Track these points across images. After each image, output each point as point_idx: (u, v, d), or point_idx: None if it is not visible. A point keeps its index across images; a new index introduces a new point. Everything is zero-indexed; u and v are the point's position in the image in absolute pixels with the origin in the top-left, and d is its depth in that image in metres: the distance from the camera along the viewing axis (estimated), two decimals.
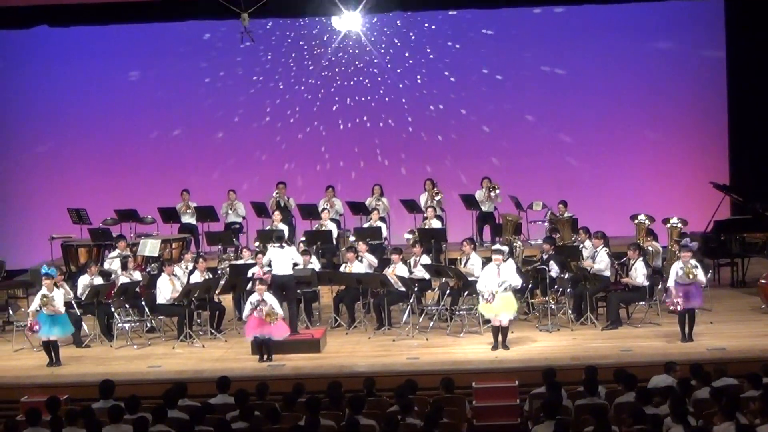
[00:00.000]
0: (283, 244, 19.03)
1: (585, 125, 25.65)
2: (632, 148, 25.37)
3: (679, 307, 17.51)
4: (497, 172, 23.96)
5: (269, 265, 18.59)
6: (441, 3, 25.37)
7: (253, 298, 17.47)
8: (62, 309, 17.66)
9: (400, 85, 26.02)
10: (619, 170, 25.13)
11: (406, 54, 26.05)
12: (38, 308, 17.44)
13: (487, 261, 18.27)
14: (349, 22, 25.10)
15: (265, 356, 17.49)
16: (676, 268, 17.65)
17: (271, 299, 17.48)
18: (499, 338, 17.62)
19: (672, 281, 17.62)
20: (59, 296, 17.70)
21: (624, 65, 25.55)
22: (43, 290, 17.57)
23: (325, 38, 26.11)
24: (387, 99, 26.08)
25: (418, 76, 26.05)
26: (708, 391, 14.78)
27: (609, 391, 15.36)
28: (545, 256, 19.61)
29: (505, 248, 19.92)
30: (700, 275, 17.67)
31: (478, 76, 25.92)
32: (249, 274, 18.63)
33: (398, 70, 26.05)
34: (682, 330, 17.67)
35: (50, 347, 17.70)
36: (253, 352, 17.78)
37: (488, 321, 17.91)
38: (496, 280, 17.38)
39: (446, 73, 25.97)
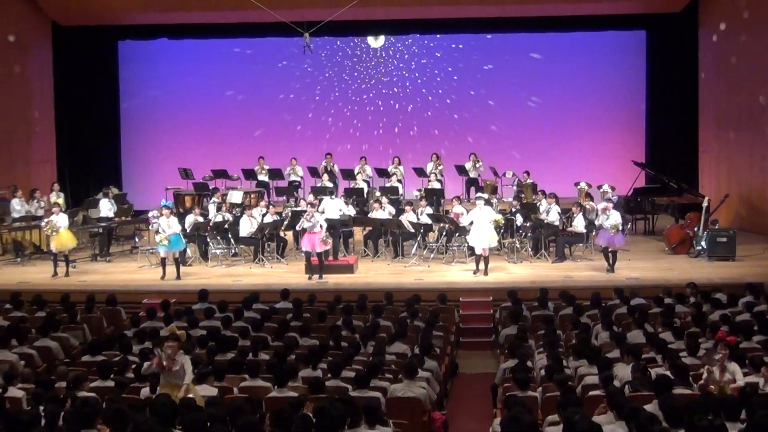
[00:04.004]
0: (333, 197, 19.34)
1: (545, 119, 25.52)
2: (578, 135, 25.24)
3: (612, 243, 17.68)
4: (481, 150, 23.86)
5: (323, 211, 18.68)
6: (445, 27, 25.27)
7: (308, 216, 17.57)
8: (177, 229, 17.80)
9: (423, 91, 25.98)
10: (568, 150, 25.01)
11: (432, 63, 25.96)
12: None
13: (468, 211, 18.37)
14: (376, 41, 25.33)
15: (316, 276, 17.58)
16: (604, 216, 17.75)
17: (318, 217, 17.67)
18: (481, 266, 17.68)
19: (602, 224, 17.75)
20: (174, 223, 17.79)
21: (574, 76, 25.36)
22: (163, 219, 17.64)
23: (363, 52, 26.10)
24: (407, 99, 25.98)
25: (433, 83, 25.96)
26: (626, 308, 14.84)
27: (556, 306, 15.42)
28: (513, 210, 19.65)
29: (485, 195, 20.05)
30: (613, 220, 17.71)
31: (473, 84, 25.80)
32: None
33: (423, 74, 26.00)
34: (607, 261, 17.78)
35: (165, 263, 17.81)
36: (306, 272, 17.85)
37: (473, 252, 17.94)
38: (483, 219, 17.51)
39: (453, 79, 25.88)
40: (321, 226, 17.53)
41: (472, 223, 17.84)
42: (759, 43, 21.25)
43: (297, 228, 18.50)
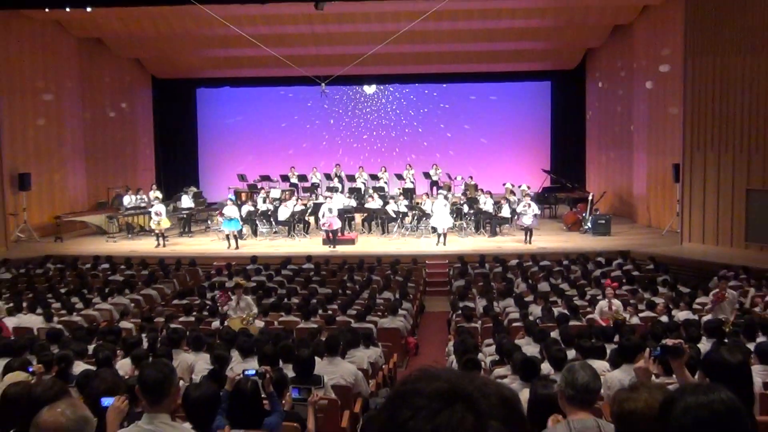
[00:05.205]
0: (339, 193, 19.37)
1: (483, 140, 25.45)
2: (505, 152, 25.11)
3: (524, 225, 17.66)
4: (441, 161, 23.81)
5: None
6: (416, 79, 25.22)
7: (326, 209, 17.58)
8: (235, 216, 17.86)
9: (402, 122, 25.92)
10: (498, 162, 24.86)
11: (408, 103, 25.92)
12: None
13: (432, 203, 18.37)
14: (370, 89, 25.22)
15: (332, 245, 17.54)
16: (523, 206, 17.78)
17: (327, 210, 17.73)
18: (441, 239, 17.68)
19: (525, 213, 17.72)
20: (233, 210, 17.82)
21: (502, 113, 25.30)
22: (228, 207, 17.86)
23: (361, 96, 26.00)
24: (391, 128, 25.92)
25: (408, 117, 25.92)
26: (537, 267, 14.89)
27: (490, 266, 15.47)
28: (462, 201, 19.65)
29: (445, 191, 20.05)
30: (535, 209, 17.77)
31: (436, 117, 25.75)
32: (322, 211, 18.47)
33: (403, 111, 25.94)
34: (526, 237, 17.72)
35: (229, 238, 17.77)
36: (323, 243, 17.82)
37: (435, 230, 17.94)
38: (442, 208, 17.54)
39: (422, 114, 25.83)
40: (330, 211, 17.59)
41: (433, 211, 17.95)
42: (626, 90, 21.35)
43: (319, 214, 18.49)
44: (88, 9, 17.96)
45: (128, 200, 20.11)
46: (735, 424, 1.89)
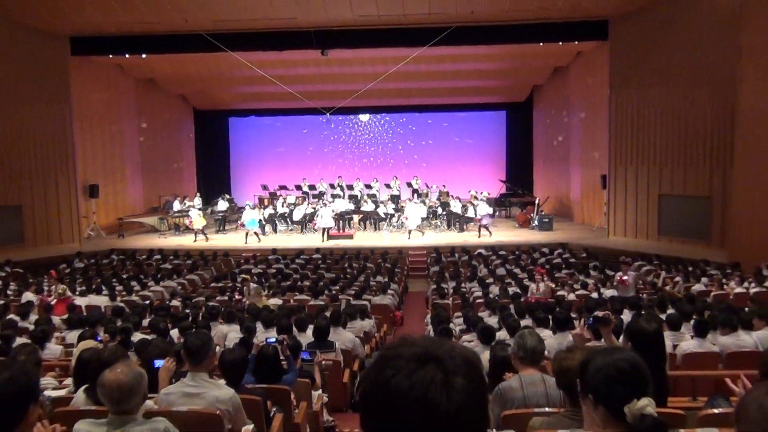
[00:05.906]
0: (341, 199, 19.21)
1: (453, 156, 25.40)
2: (471, 166, 25.10)
3: (482, 222, 17.62)
4: (420, 173, 23.73)
5: (336, 206, 18.64)
6: (401, 110, 25.11)
7: (323, 211, 17.46)
8: (252, 217, 17.69)
9: (391, 143, 25.83)
10: (465, 173, 24.83)
11: (400, 128, 25.83)
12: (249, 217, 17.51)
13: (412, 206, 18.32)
14: (365, 117, 25.08)
15: (327, 239, 17.42)
16: (482, 208, 17.74)
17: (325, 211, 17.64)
18: (417, 234, 17.59)
19: (480, 214, 17.68)
20: (248, 214, 17.71)
21: (468, 136, 25.30)
22: (248, 210, 17.73)
23: (359, 123, 25.90)
24: (382, 148, 25.85)
25: (396, 139, 25.82)
26: (495, 256, 14.89)
27: (459, 255, 15.44)
28: (436, 205, 19.63)
29: (421, 198, 19.98)
30: (487, 210, 17.73)
31: (418, 139, 25.69)
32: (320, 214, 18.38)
33: (390, 134, 25.86)
34: (488, 231, 17.66)
35: (257, 234, 17.69)
36: (328, 238, 17.73)
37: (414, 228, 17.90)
38: (415, 210, 17.50)
39: (408, 137, 25.77)
40: (321, 216, 17.58)
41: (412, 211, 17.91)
42: (563, 119, 21.42)
43: (316, 216, 18.39)
44: (144, 56, 18.13)
45: (177, 205, 20.01)
46: (637, 377, 1.95)
